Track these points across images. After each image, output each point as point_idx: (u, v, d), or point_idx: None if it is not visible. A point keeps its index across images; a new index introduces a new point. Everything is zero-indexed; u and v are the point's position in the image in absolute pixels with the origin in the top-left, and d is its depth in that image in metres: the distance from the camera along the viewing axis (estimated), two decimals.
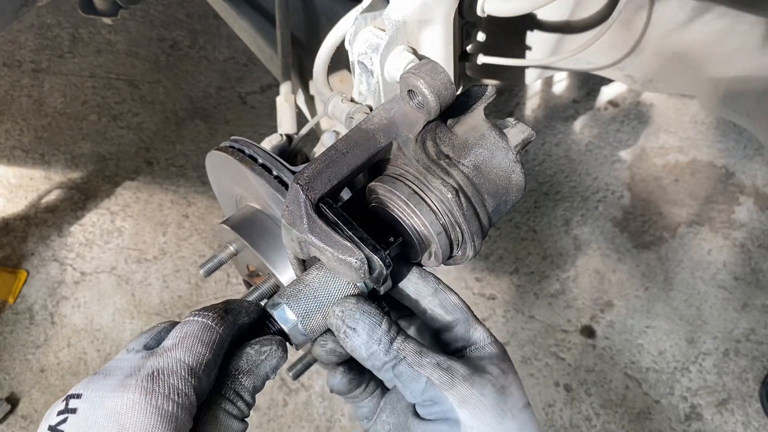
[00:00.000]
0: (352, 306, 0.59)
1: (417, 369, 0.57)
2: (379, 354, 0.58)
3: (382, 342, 0.58)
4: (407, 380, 0.58)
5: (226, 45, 3.21)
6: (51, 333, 2.41)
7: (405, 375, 0.58)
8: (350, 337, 0.59)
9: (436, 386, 0.56)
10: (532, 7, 0.93)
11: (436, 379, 0.57)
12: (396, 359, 0.58)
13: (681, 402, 2.25)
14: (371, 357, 0.58)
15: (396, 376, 0.58)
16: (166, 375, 0.50)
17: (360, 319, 0.59)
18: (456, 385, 0.57)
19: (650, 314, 2.42)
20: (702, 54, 1.27)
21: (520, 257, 2.57)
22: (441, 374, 0.57)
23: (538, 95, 3.07)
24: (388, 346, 0.58)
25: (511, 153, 0.65)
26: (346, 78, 1.24)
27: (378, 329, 0.58)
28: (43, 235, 2.63)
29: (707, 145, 2.86)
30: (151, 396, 0.48)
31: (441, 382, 0.57)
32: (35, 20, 3.28)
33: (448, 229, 0.63)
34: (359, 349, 0.59)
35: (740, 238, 2.59)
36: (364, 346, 0.58)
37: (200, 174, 2.77)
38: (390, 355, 0.58)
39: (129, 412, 0.47)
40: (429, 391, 0.57)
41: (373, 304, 0.60)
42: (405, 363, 0.58)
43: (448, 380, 0.57)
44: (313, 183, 0.59)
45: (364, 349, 0.58)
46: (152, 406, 0.48)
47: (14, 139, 2.89)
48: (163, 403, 0.48)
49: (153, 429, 0.47)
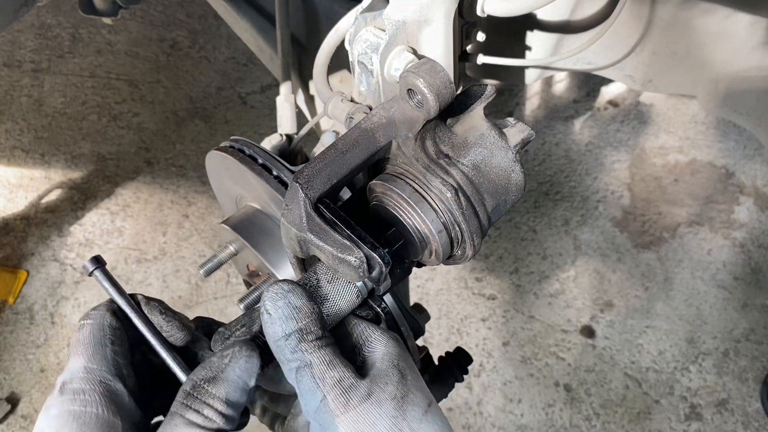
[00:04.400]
0: (279, 291, 0.56)
1: (317, 382, 0.53)
2: (285, 350, 0.54)
3: (290, 339, 0.54)
4: (305, 390, 0.54)
5: (226, 45, 3.21)
6: (51, 333, 2.41)
7: (304, 384, 0.54)
8: (265, 320, 0.55)
9: (330, 410, 0.52)
10: (532, 7, 0.93)
11: (331, 399, 0.52)
12: (301, 362, 0.54)
13: (681, 402, 2.25)
14: (277, 350, 0.55)
15: (297, 381, 0.54)
16: (69, 383, 0.54)
17: (280, 307, 0.55)
18: (349, 409, 0.52)
19: (650, 314, 2.42)
20: (702, 54, 1.27)
21: (520, 257, 2.57)
22: (338, 394, 0.53)
23: (538, 95, 3.07)
24: (296, 345, 0.54)
25: (511, 152, 0.65)
26: (346, 78, 1.24)
27: (291, 323, 0.54)
28: (43, 235, 2.63)
29: (707, 145, 2.86)
30: (63, 405, 0.53)
31: (336, 404, 0.52)
32: (35, 20, 3.28)
33: (448, 228, 0.63)
34: (269, 335, 0.55)
35: (740, 238, 2.59)
36: (272, 335, 0.55)
37: (200, 174, 2.77)
38: (295, 356, 0.54)
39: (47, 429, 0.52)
40: (321, 413, 0.53)
41: (304, 298, 0.56)
42: (308, 370, 0.53)
43: (342, 403, 0.52)
44: (312, 182, 0.59)
45: (272, 339, 0.55)
46: (65, 413, 0.52)
47: (14, 139, 2.89)
48: (70, 406, 0.53)
49: (64, 427, 0.51)
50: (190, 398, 0.51)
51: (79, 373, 0.54)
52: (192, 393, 0.52)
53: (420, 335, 1.03)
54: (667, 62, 1.29)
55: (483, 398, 2.26)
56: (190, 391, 0.52)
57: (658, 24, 1.22)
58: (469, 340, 2.36)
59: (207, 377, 0.52)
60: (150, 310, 0.59)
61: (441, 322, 2.41)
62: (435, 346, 2.34)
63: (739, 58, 1.24)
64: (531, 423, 2.22)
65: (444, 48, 0.90)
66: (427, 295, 2.47)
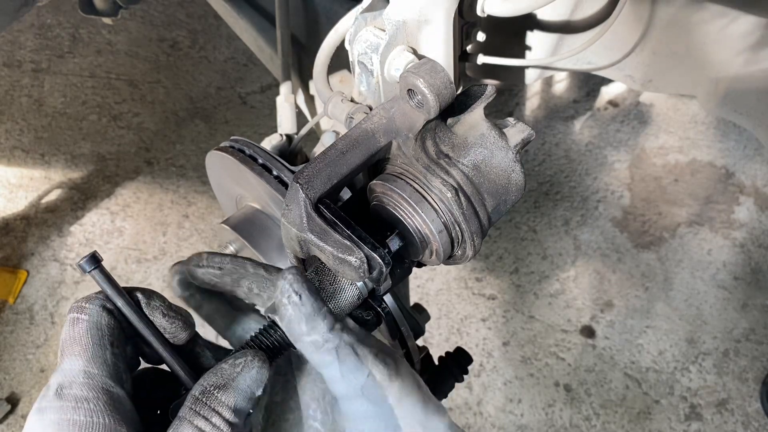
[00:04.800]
0: (297, 273, 0.55)
1: (362, 360, 0.53)
2: (320, 329, 0.53)
3: (327, 318, 0.54)
4: (348, 369, 0.53)
5: (226, 45, 3.21)
6: (51, 333, 2.41)
7: (348, 363, 0.53)
8: (294, 304, 0.53)
9: (377, 382, 0.53)
10: (532, 7, 0.93)
11: (377, 373, 0.53)
12: (340, 340, 0.53)
13: (681, 402, 2.25)
14: (313, 330, 0.53)
15: (339, 360, 0.53)
16: (68, 387, 0.51)
17: (306, 289, 0.53)
18: (395, 380, 0.53)
19: (650, 314, 2.42)
20: (702, 54, 1.27)
21: (520, 257, 2.57)
22: (382, 368, 0.53)
23: (538, 95, 3.07)
24: (332, 324, 0.54)
25: (511, 152, 0.65)
26: (346, 78, 1.24)
27: (320, 304, 0.54)
28: (43, 235, 2.63)
29: (707, 145, 2.86)
30: (63, 412, 0.49)
31: (382, 377, 0.53)
32: (35, 20, 3.28)
33: (449, 228, 0.63)
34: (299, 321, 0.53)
35: (740, 238, 2.59)
36: (305, 318, 0.53)
37: (200, 174, 2.77)
38: (333, 335, 0.53)
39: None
40: (369, 388, 0.53)
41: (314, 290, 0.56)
42: (350, 349, 0.53)
43: (387, 375, 0.53)
44: (312, 182, 0.59)
45: (305, 322, 0.53)
46: (66, 421, 0.49)
47: (14, 139, 2.89)
48: (73, 414, 0.49)
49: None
50: (199, 404, 0.51)
51: (79, 378, 0.51)
52: (201, 399, 0.51)
53: (420, 335, 1.03)
54: (667, 62, 1.29)
55: (483, 398, 2.26)
56: (200, 396, 0.51)
57: (658, 24, 1.22)
58: (469, 340, 2.36)
59: (217, 384, 0.52)
60: (151, 312, 0.57)
61: (441, 322, 2.41)
62: (435, 346, 2.34)
63: (739, 58, 1.24)
64: (531, 423, 2.22)
65: (444, 48, 0.90)
66: (427, 295, 2.47)
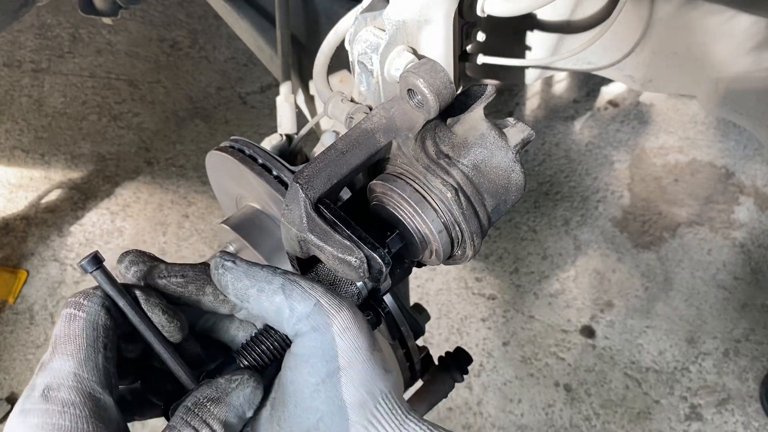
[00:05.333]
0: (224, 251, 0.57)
1: (308, 291, 0.54)
2: (266, 273, 0.55)
3: (265, 267, 0.56)
4: (296, 300, 0.54)
5: (226, 45, 3.21)
6: (51, 333, 2.41)
7: (294, 295, 0.54)
8: (229, 267, 0.55)
9: (324, 310, 0.53)
10: (532, 7, 0.93)
11: (325, 302, 0.53)
12: (285, 279, 0.55)
13: (681, 402, 2.25)
14: (254, 278, 0.55)
15: (285, 295, 0.54)
16: (56, 390, 0.49)
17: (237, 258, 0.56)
18: (343, 309, 0.54)
19: (650, 314, 2.42)
20: (702, 54, 1.27)
21: (520, 257, 2.57)
22: (330, 298, 0.54)
23: (538, 95, 3.07)
24: (273, 270, 0.56)
25: (511, 152, 0.65)
26: (346, 78, 1.24)
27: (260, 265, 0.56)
28: (43, 235, 2.63)
29: (707, 145, 2.86)
30: (49, 416, 0.48)
31: (330, 305, 0.54)
32: (35, 20, 3.28)
33: (449, 228, 0.63)
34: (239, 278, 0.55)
35: (740, 238, 2.59)
36: (245, 273, 0.55)
37: (200, 174, 2.77)
38: (277, 275, 0.55)
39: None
40: (315, 315, 0.53)
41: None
42: (295, 284, 0.54)
43: (336, 304, 0.54)
44: (312, 182, 0.59)
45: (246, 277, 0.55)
46: (50, 425, 0.47)
47: (14, 139, 2.89)
48: (58, 419, 0.48)
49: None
50: (191, 414, 0.51)
51: (68, 380, 0.50)
52: (193, 410, 0.51)
53: (420, 335, 1.03)
54: (667, 62, 1.29)
55: (483, 398, 2.26)
56: (192, 407, 0.51)
57: (658, 24, 1.22)
58: (469, 340, 2.36)
59: (211, 397, 0.52)
60: (150, 309, 0.56)
61: (441, 322, 2.41)
62: (435, 346, 2.34)
63: (739, 58, 1.24)
64: (531, 423, 2.22)
65: (444, 48, 0.90)
66: (427, 295, 2.47)
